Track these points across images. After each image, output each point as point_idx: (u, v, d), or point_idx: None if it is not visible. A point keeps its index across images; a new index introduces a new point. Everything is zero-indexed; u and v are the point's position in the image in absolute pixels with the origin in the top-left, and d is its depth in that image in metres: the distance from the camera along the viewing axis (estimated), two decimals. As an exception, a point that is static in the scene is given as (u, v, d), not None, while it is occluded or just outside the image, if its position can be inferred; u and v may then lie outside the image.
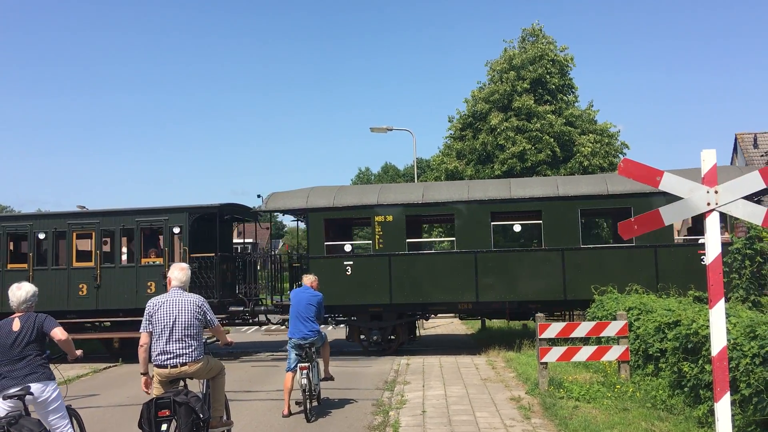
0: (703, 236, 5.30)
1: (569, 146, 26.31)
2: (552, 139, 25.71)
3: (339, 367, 12.48)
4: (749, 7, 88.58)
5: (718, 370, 4.99)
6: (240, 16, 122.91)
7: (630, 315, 9.85)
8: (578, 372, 10.44)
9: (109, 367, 14.40)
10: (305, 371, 8.65)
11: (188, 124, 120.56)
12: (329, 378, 9.64)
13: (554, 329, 9.33)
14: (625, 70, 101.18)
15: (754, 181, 5.08)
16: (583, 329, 9.41)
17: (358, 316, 14.98)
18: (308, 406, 8.55)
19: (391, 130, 24.84)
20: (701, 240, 12.10)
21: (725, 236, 12.80)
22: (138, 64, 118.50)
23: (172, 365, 5.85)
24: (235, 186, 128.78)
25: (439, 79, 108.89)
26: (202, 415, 5.67)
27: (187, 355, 5.89)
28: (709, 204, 5.12)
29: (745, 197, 5.16)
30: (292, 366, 8.91)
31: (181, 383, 6.04)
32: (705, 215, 5.15)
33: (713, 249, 5.08)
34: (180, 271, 6.21)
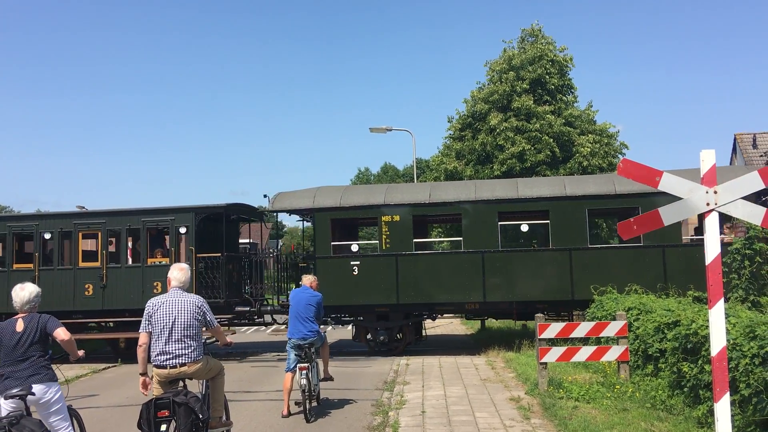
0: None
1: (568, 146, 26.29)
2: (551, 140, 25.69)
3: (338, 368, 12.48)
4: (749, 7, 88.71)
5: (717, 370, 4.99)
6: (240, 16, 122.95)
7: (629, 315, 9.85)
8: (578, 372, 10.44)
9: (109, 368, 14.40)
10: (305, 371, 8.65)
11: (188, 124, 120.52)
12: (329, 378, 9.64)
13: (554, 329, 9.33)
14: (624, 70, 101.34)
15: (754, 182, 5.08)
16: (582, 329, 9.41)
17: (364, 316, 14.96)
18: (308, 407, 8.55)
19: (390, 130, 24.87)
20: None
21: (729, 237, 12.80)
22: (138, 64, 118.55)
23: (171, 366, 5.85)
24: (234, 186, 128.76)
25: (438, 80, 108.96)
26: (201, 416, 5.67)
27: (187, 355, 5.89)
28: (708, 204, 5.13)
29: (749, 198, 5.16)
30: (292, 366, 8.91)
31: (181, 383, 6.04)
32: (704, 215, 5.15)
33: (712, 249, 5.08)
34: (179, 272, 6.21)
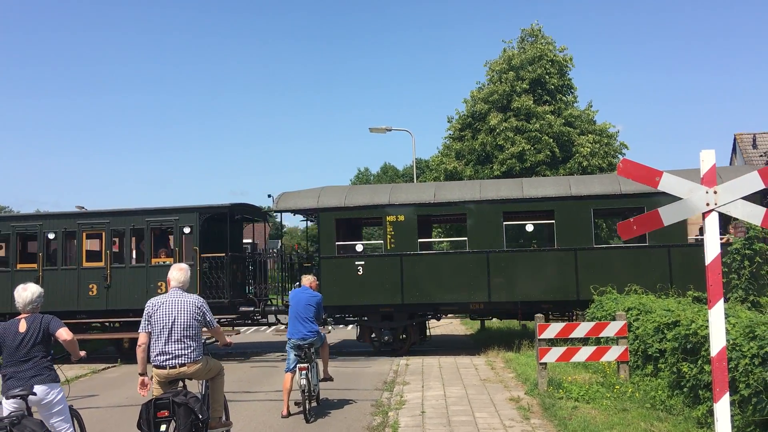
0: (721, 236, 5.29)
1: (568, 146, 26.30)
2: (551, 140, 25.70)
3: (338, 368, 12.48)
4: (749, 7, 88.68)
5: (717, 370, 4.99)
6: (240, 16, 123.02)
7: (629, 315, 9.84)
8: (577, 372, 10.43)
9: (109, 368, 14.39)
10: (304, 372, 8.65)
11: (188, 124, 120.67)
12: (328, 378, 9.63)
13: (553, 330, 9.32)
14: (624, 71, 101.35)
15: (753, 182, 5.08)
16: (582, 330, 9.39)
17: (369, 316, 14.91)
18: (307, 407, 8.55)
19: (390, 130, 24.85)
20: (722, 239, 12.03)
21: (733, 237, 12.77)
22: (138, 64, 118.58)
23: (171, 366, 5.85)
24: (234, 186, 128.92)
25: (438, 80, 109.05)
26: (201, 416, 5.67)
27: (186, 355, 5.89)
28: (708, 204, 5.12)
29: (754, 200, 5.16)
30: (291, 366, 8.91)
31: (180, 384, 6.04)
32: (704, 215, 5.15)
33: (712, 249, 5.08)
34: (179, 272, 6.21)
